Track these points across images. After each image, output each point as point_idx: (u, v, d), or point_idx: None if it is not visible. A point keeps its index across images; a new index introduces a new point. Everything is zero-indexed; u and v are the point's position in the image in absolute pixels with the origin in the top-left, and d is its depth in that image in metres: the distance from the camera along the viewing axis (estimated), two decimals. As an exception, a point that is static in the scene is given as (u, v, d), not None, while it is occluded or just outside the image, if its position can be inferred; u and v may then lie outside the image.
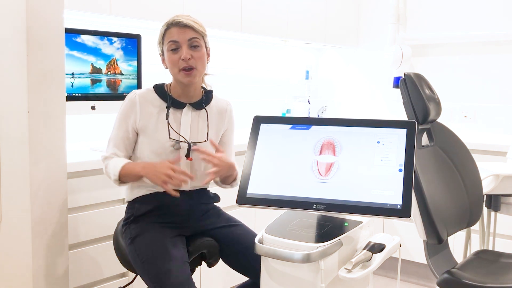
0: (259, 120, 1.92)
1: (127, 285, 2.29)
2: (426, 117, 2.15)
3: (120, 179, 1.92)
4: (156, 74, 2.36)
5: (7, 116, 1.96)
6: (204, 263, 2.07)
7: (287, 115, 4.00)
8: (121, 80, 2.58)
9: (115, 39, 2.54)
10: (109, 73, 2.54)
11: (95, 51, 2.47)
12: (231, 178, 2.06)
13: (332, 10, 3.94)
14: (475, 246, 2.85)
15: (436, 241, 2.03)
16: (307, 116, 4.03)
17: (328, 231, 1.73)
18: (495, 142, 3.17)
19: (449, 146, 2.28)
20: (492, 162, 2.77)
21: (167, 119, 1.99)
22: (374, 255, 1.68)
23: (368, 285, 1.86)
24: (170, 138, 1.98)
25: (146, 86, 2.07)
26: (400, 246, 1.80)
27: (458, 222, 2.19)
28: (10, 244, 2.02)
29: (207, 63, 2.05)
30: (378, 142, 1.78)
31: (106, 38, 2.50)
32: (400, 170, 1.71)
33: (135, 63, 2.63)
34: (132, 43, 2.60)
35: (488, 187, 2.39)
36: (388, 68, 3.95)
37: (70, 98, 2.39)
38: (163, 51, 2.01)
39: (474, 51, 3.73)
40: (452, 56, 3.81)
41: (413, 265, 3.51)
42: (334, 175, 1.76)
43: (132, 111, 1.98)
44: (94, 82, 2.49)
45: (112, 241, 2.11)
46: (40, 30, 1.93)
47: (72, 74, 2.40)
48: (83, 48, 2.43)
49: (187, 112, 2.04)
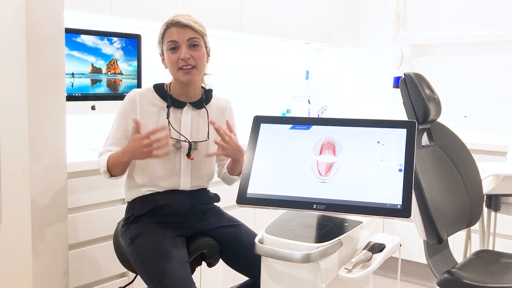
0: (259, 120, 1.92)
1: (127, 285, 2.29)
2: (426, 117, 2.15)
3: (110, 172, 1.92)
4: (156, 74, 2.36)
5: (7, 116, 1.96)
6: (204, 263, 2.06)
7: (287, 115, 4.00)
8: (121, 80, 2.58)
9: (115, 39, 2.54)
10: (109, 73, 2.53)
11: (95, 51, 2.47)
12: (239, 167, 2.04)
13: (332, 10, 3.94)
14: (475, 246, 2.85)
15: (436, 241, 2.03)
16: (307, 116, 4.03)
17: (328, 231, 1.73)
18: (495, 142, 3.17)
19: (449, 146, 2.28)
20: (492, 162, 2.77)
21: (168, 118, 1.99)
22: (374, 255, 1.68)
23: (368, 285, 1.86)
24: (171, 138, 1.98)
25: (146, 86, 2.07)
26: (400, 246, 1.80)
27: (458, 222, 2.19)
28: (10, 244, 2.02)
29: (207, 63, 2.05)
30: (378, 142, 1.77)
31: (106, 38, 2.50)
32: (400, 170, 1.71)
33: (135, 63, 2.63)
34: (132, 43, 2.60)
35: (488, 187, 2.39)
36: (388, 68, 3.95)
37: (70, 98, 2.39)
38: (162, 51, 2.01)
39: (474, 51, 3.73)
40: (452, 56, 3.81)
41: (413, 265, 3.51)
42: (334, 175, 1.76)
43: (132, 110, 1.98)
44: (94, 82, 2.49)
45: (112, 241, 2.11)
46: (40, 30, 1.93)
47: (72, 74, 2.40)
48: (83, 48, 2.43)
49: (187, 111, 2.04)
